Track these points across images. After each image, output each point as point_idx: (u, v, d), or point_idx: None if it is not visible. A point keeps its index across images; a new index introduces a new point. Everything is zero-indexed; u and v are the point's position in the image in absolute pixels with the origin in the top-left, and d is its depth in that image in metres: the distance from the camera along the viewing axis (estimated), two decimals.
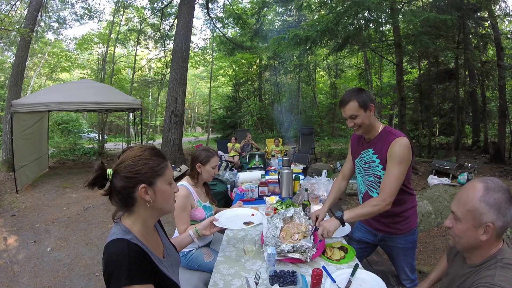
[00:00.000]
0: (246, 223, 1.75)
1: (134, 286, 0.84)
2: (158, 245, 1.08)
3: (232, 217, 1.88)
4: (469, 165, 5.64)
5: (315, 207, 2.31)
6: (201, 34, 44.76)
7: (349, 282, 1.29)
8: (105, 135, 12.25)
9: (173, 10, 11.90)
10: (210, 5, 11.26)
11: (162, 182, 0.98)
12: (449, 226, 1.03)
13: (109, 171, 0.94)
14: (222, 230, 2.03)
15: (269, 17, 13.65)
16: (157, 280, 0.94)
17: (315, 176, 2.92)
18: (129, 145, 1.06)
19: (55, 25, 12.01)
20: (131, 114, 11.42)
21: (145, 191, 0.94)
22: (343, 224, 1.53)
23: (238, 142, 7.73)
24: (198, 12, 15.34)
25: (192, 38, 12.46)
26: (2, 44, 12.35)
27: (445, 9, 5.62)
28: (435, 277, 1.34)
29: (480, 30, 7.76)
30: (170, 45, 11.21)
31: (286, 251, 1.44)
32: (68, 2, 11.15)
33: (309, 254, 1.43)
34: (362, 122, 1.55)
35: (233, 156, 7.06)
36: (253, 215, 1.86)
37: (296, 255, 1.43)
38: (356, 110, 1.53)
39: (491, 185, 0.94)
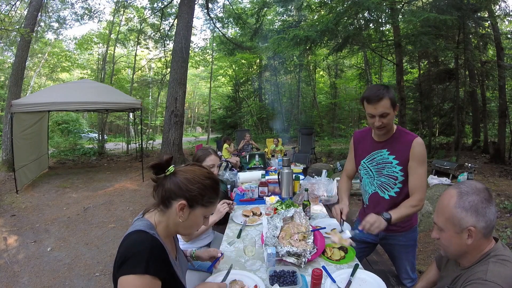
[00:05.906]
0: None
1: (146, 276, 0.86)
2: (173, 249, 1.12)
3: None
4: (469, 165, 5.62)
5: (315, 207, 2.32)
6: (201, 34, 44.80)
7: (349, 282, 1.29)
8: (105, 135, 12.25)
9: (173, 10, 11.90)
10: (210, 5, 11.27)
11: (201, 212, 1.01)
12: (437, 237, 1.04)
13: (171, 168, 0.98)
14: (222, 230, 2.03)
15: (269, 17, 13.65)
16: (168, 279, 0.96)
17: (315, 176, 2.92)
18: (205, 165, 1.11)
19: (55, 25, 12.04)
20: (131, 114, 11.43)
21: (182, 208, 0.97)
22: (389, 223, 1.46)
23: (237, 142, 7.72)
24: (198, 12, 15.37)
25: (192, 38, 12.48)
26: (2, 44, 12.34)
27: (445, 9, 5.60)
28: (422, 286, 1.33)
29: (480, 30, 7.74)
30: (170, 45, 11.21)
31: (281, 255, 1.43)
32: (68, 2, 11.17)
33: (303, 260, 1.42)
34: (389, 122, 1.47)
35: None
36: None
37: (291, 259, 1.42)
38: (388, 108, 1.42)
39: (464, 190, 0.95)
